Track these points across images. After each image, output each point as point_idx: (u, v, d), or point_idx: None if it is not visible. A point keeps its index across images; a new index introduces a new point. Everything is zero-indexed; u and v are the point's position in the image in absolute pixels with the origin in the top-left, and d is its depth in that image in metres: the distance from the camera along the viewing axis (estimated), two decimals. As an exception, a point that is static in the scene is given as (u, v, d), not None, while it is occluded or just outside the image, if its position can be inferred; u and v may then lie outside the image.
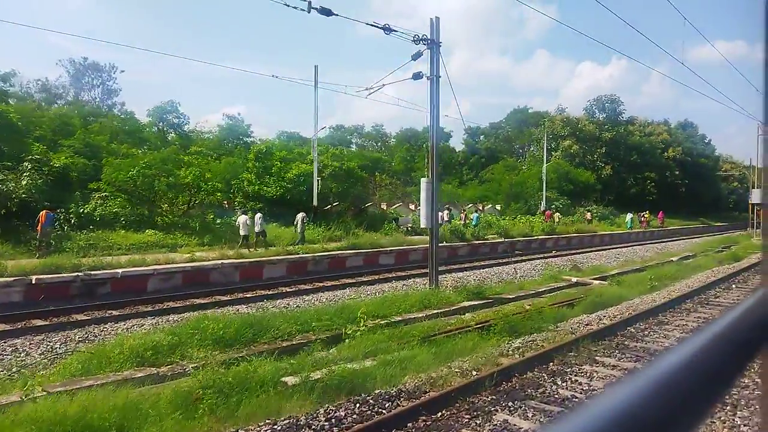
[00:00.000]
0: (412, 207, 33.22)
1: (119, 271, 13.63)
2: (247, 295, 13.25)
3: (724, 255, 27.26)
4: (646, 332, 10.30)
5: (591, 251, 27.54)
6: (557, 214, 41.93)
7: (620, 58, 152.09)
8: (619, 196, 53.79)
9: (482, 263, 21.15)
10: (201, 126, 42.98)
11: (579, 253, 26.37)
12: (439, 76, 14.02)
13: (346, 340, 9.27)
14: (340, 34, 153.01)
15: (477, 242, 24.57)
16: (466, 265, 19.94)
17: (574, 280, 17.84)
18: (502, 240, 26.32)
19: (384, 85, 16.03)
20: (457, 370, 7.69)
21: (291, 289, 14.40)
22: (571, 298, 13.74)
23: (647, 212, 50.40)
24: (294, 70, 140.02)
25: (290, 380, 6.88)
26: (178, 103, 37.95)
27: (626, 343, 9.48)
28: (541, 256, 24.74)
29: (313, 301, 13.05)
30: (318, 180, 21.46)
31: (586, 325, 10.69)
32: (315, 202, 21.43)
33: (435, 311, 12.33)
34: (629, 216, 47.26)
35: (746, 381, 6.94)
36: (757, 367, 0.82)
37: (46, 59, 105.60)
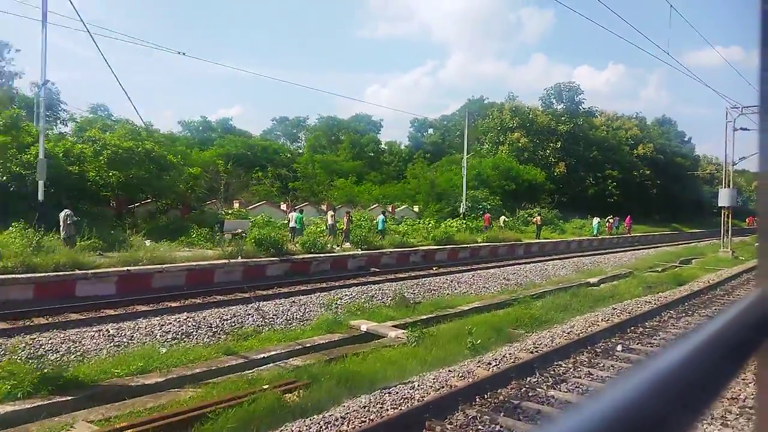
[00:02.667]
0: (284, 207, 26.04)
1: None
2: None
3: (664, 276, 20.21)
4: None
5: (489, 268, 20.43)
6: (502, 217, 35.04)
7: (617, 63, 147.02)
8: (576, 197, 46.76)
9: (282, 290, 14.04)
10: None
11: (467, 271, 19.24)
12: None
13: None
14: (336, 35, 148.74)
15: (309, 257, 17.34)
16: (224, 298, 12.74)
17: (364, 328, 10.71)
18: (354, 253, 19.09)
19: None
20: None
21: None
22: (232, 398, 6.59)
23: (611, 217, 43.46)
24: (288, 72, 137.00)
25: None
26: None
27: None
28: (409, 275, 17.65)
29: None
30: (44, 162, 14.28)
31: None
32: (41, 196, 14.29)
33: None
34: (596, 221, 40.48)
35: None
36: (753, 367, 0.81)
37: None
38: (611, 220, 43.03)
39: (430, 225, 28.61)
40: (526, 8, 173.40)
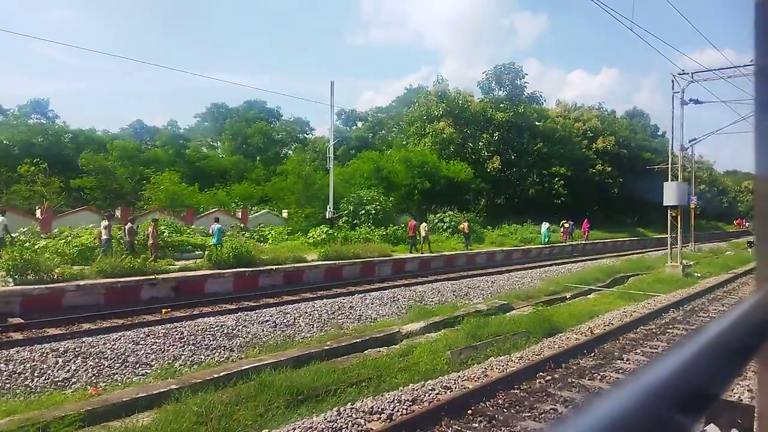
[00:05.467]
0: (38, 214, 18.35)
1: None
2: None
3: (528, 318, 12.55)
4: None
5: (262, 307, 12.89)
6: (423, 225, 27.49)
7: (611, 67, 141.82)
8: (514, 197, 39.28)
9: None
10: None
11: (200, 316, 11.71)
12: None
13: None
14: (331, 44, 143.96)
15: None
16: None
17: None
18: (81, 284, 11.39)
19: None
20: None
21: None
22: None
23: (566, 221, 35.88)
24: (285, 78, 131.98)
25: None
26: None
27: None
28: (81, 328, 10.11)
29: None
30: None
31: None
32: None
33: None
34: (545, 226, 33.09)
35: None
36: (753, 372, 0.75)
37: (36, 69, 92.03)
38: (566, 225, 35.52)
39: (271, 234, 21.06)
40: (519, 13, 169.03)
